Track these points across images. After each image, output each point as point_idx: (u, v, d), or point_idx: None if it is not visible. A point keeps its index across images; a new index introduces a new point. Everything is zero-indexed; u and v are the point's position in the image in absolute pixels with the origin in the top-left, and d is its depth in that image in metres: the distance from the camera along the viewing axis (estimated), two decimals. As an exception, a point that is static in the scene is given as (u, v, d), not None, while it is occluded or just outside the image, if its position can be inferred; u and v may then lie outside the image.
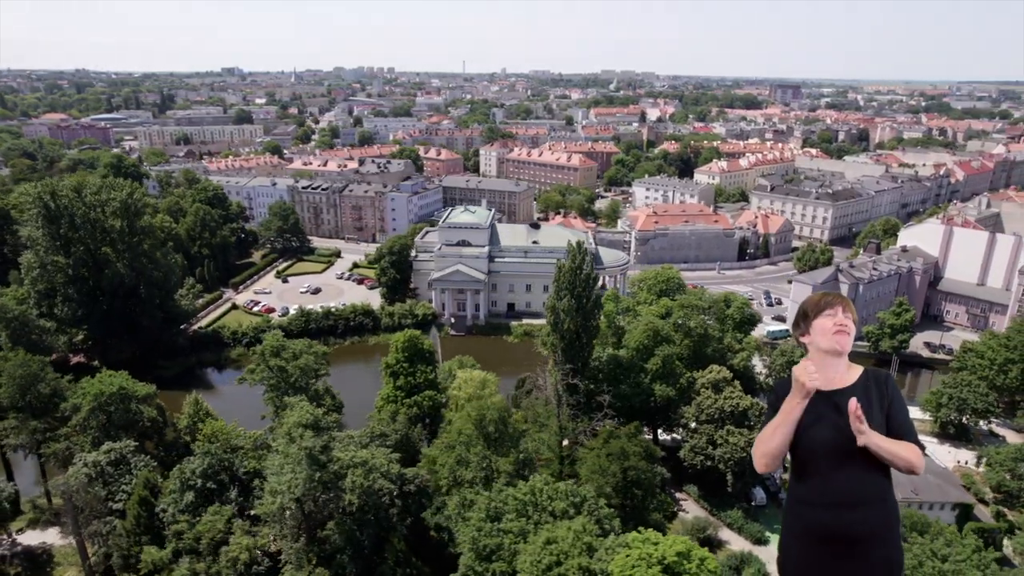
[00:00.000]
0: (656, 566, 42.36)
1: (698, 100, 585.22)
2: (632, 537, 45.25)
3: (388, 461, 52.36)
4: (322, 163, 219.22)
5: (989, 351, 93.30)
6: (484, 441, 59.54)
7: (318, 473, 48.68)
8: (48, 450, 67.50)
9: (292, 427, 50.47)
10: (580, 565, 44.41)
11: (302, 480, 48.16)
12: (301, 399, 58.22)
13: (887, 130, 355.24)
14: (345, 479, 50.05)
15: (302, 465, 48.27)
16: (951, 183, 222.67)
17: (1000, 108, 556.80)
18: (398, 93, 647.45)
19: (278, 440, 52.46)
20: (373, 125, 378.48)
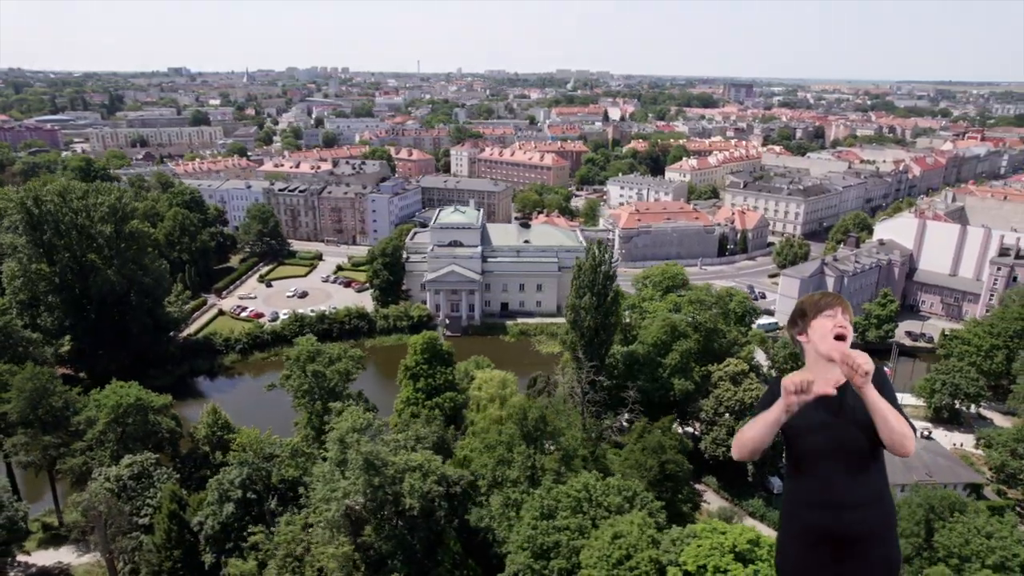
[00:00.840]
0: (728, 554, 43.35)
1: (656, 99, 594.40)
2: (700, 527, 46.16)
3: (438, 464, 52.08)
4: (294, 165, 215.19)
5: (975, 338, 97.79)
6: (525, 440, 59.67)
7: (376, 478, 48.14)
8: (64, 465, 64.92)
9: (346, 433, 49.70)
10: (650, 557, 45.09)
11: (361, 486, 47.55)
12: (349, 404, 57.32)
13: (841, 127, 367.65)
14: (402, 483, 49.60)
15: (359, 471, 47.65)
16: (909, 178, 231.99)
17: (940, 107, 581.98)
18: (355, 93, 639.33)
19: (329, 446, 51.59)
20: (336, 126, 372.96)
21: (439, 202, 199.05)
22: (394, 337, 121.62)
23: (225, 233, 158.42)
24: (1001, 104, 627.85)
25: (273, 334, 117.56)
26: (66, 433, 67.16)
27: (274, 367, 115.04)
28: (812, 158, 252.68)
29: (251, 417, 80.00)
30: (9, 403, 65.96)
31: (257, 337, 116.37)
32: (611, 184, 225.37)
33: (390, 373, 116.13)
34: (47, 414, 66.01)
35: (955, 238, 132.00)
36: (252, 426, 71.84)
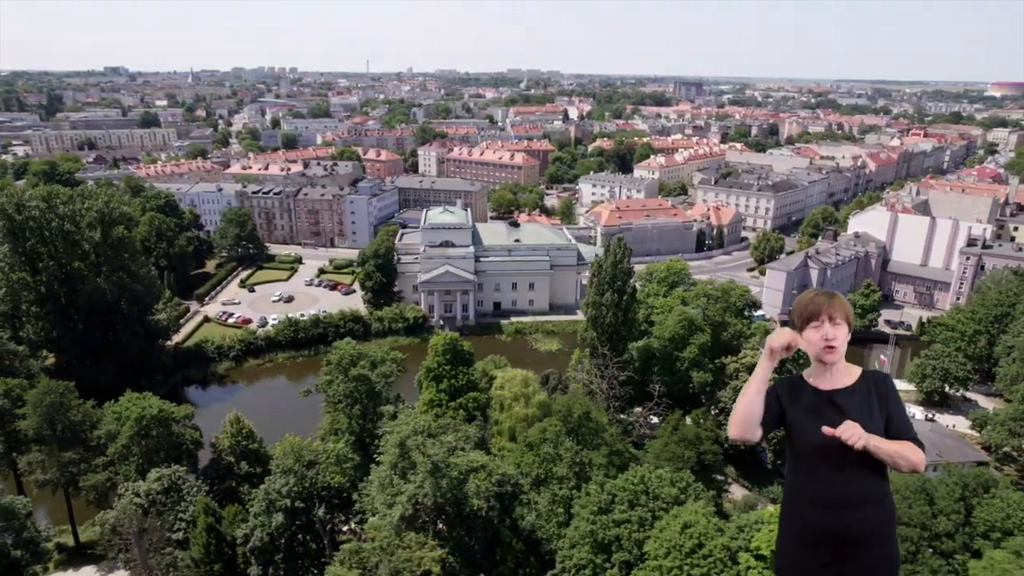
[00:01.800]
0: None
1: (611, 98, 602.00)
2: (766, 513, 47.45)
3: (498, 464, 52.08)
4: (263, 167, 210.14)
5: (959, 324, 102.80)
6: (570, 436, 60.13)
7: (444, 480, 47.87)
8: (87, 482, 62.28)
9: (408, 436, 49.18)
10: (722, 545, 46.15)
11: (429, 488, 47.20)
12: (407, 407, 56.63)
13: (794, 125, 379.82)
14: (465, 484, 49.44)
15: (427, 474, 47.29)
16: (866, 173, 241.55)
17: (879, 105, 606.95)
18: (307, 94, 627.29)
19: (387, 449, 50.91)
20: (294, 127, 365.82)
21: (415, 203, 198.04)
22: (390, 340, 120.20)
23: (201, 238, 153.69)
24: (933, 102, 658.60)
25: (267, 340, 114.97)
26: (84, 448, 64.41)
27: (269, 373, 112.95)
28: (774, 155, 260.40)
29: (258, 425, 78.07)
30: (24, 419, 62.88)
31: (251, 343, 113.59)
32: (583, 182, 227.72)
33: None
34: (65, 429, 63.15)
35: (925, 230, 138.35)
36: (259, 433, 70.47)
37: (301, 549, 55.63)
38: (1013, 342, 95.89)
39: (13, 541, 56.34)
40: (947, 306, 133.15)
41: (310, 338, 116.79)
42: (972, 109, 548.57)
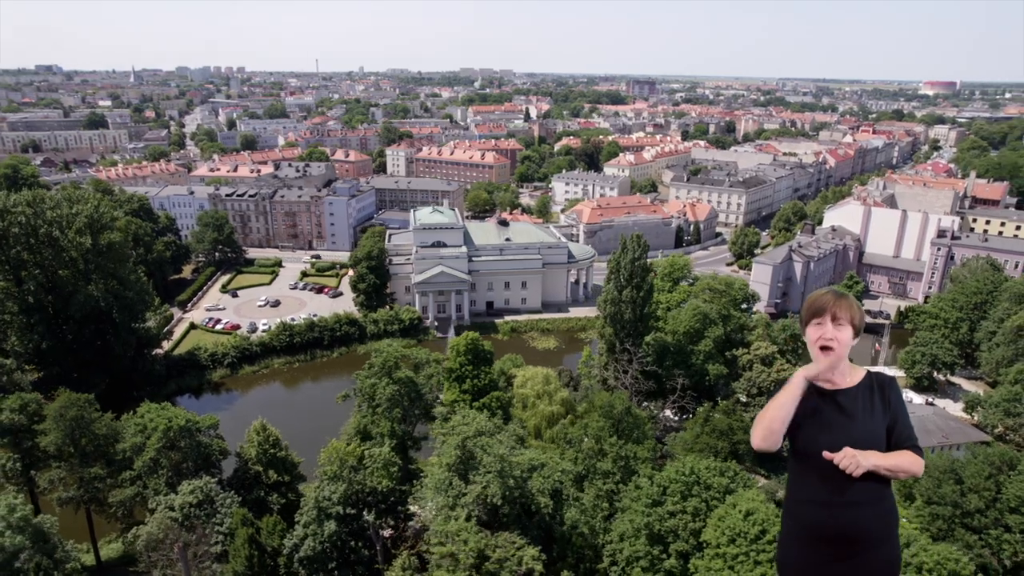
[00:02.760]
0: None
1: (567, 97, 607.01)
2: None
3: (557, 461, 52.35)
4: (231, 168, 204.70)
5: (942, 312, 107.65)
6: (614, 431, 60.80)
7: (511, 480, 47.91)
8: (115, 497, 59.86)
9: (472, 436, 48.99)
10: (786, 531, 47.50)
11: (498, 488, 47.17)
12: (466, 409, 56.23)
13: (750, 122, 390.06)
14: (529, 482, 49.59)
15: (495, 474, 47.24)
16: (827, 169, 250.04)
17: (825, 103, 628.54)
18: (259, 94, 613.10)
19: (447, 451, 50.55)
20: (251, 128, 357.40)
21: (391, 203, 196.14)
22: (385, 342, 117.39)
23: (178, 243, 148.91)
24: (873, 100, 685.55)
25: (262, 346, 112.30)
26: (107, 463, 61.92)
27: (266, 380, 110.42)
28: (739, 151, 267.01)
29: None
30: (44, 435, 60.05)
31: (246, 350, 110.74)
32: (556, 181, 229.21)
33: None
34: (89, 444, 60.60)
35: (897, 223, 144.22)
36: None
37: (353, 556, 54.79)
38: (995, 328, 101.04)
39: (45, 563, 53.82)
40: (920, 295, 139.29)
41: (306, 343, 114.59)
42: (910, 107, 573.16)
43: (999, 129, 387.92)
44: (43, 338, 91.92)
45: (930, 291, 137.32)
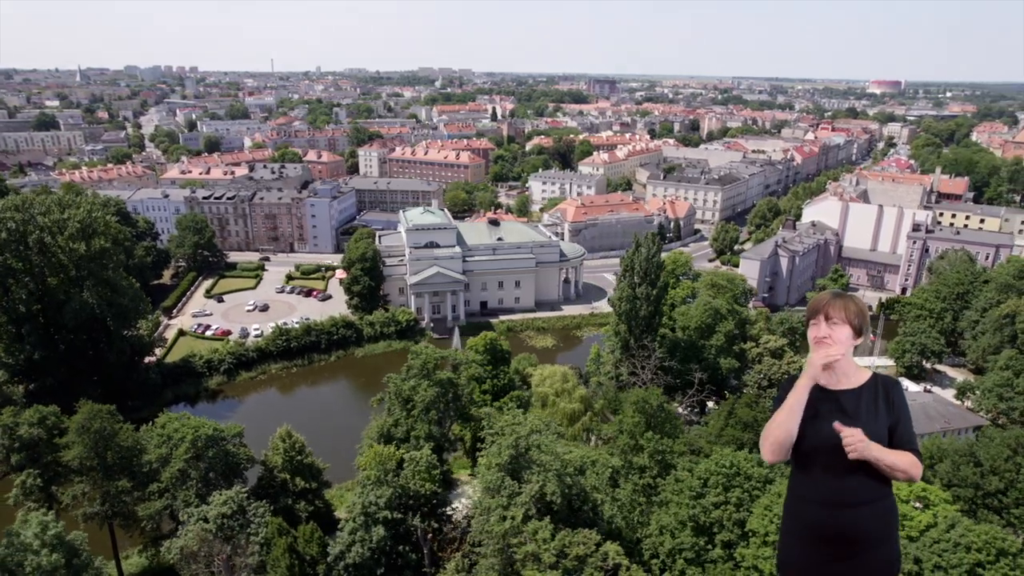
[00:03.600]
0: (908, 502, 48.26)
1: (530, 96, 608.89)
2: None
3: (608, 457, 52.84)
4: (204, 171, 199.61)
5: (927, 302, 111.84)
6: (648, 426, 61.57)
7: (568, 477, 48.21)
8: (145, 511, 58.01)
9: (527, 435, 49.04)
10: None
11: (556, 487, 47.41)
12: (519, 409, 56.11)
13: (714, 120, 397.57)
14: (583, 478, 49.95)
15: (552, 473, 47.48)
16: (794, 165, 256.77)
17: (780, 101, 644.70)
18: (216, 94, 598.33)
19: (500, 451, 50.45)
20: (214, 129, 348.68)
21: (370, 204, 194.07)
22: (382, 344, 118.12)
23: (159, 247, 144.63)
24: (826, 99, 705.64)
25: (258, 351, 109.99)
26: (132, 476, 59.97)
27: (264, 386, 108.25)
28: (709, 149, 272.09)
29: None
30: (68, 448, 57.85)
31: (242, 356, 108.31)
32: (533, 180, 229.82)
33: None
34: (114, 457, 58.59)
35: (873, 218, 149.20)
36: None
37: (401, 561, 54.33)
38: (978, 317, 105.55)
39: (78, 581, 51.95)
40: (897, 287, 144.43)
41: (303, 347, 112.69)
42: (861, 105, 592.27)
43: (947, 127, 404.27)
44: (34, 349, 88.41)
45: (907, 283, 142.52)
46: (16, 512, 58.69)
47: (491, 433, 53.29)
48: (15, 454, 58.30)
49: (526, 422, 50.26)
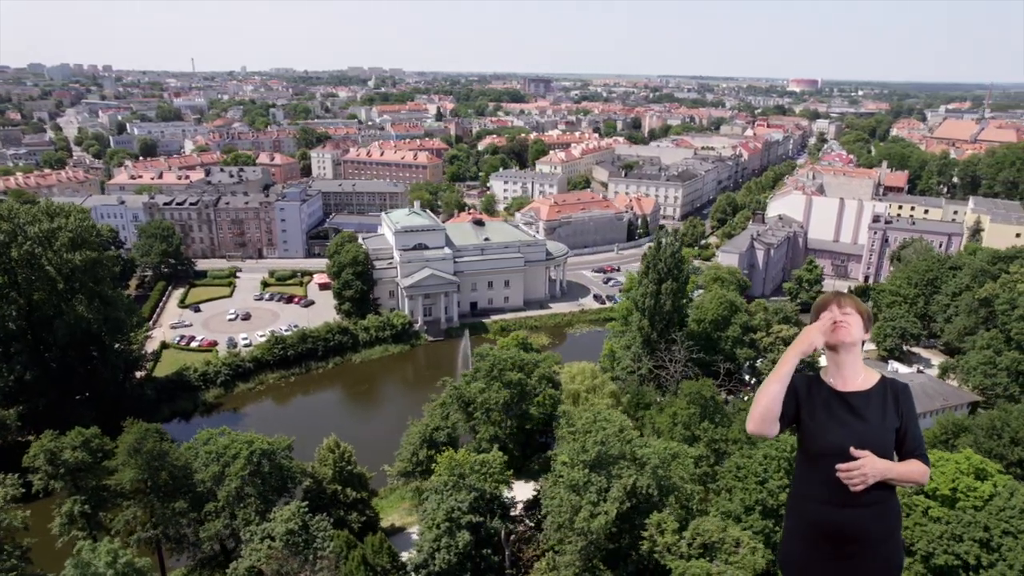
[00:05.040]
0: (969, 475, 51.71)
1: (468, 95, 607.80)
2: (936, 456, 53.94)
3: (682, 448, 54.15)
4: (156, 176, 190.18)
5: (901, 289, 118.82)
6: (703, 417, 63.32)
7: (659, 471, 49.18)
8: (207, 532, 55.42)
9: (614, 434, 49.65)
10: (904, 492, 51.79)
11: (652, 480, 48.34)
12: (599, 406, 56.28)
13: (654, 119, 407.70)
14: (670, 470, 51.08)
15: (649, 468, 48.37)
16: (742, 162, 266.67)
17: (710, 99, 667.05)
18: (138, 95, 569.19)
19: (588, 449, 50.84)
20: (147, 132, 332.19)
21: (336, 207, 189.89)
22: (379, 349, 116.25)
23: (124, 257, 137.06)
24: (750, 96, 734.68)
25: (254, 361, 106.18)
26: (186, 496, 57.16)
27: (262, 397, 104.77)
28: (661, 147, 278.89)
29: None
30: (116, 472, 54.57)
31: (238, 367, 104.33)
32: (494, 180, 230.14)
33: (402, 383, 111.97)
34: (170, 477, 55.69)
35: (835, 210, 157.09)
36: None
37: (484, 565, 53.97)
38: (948, 301, 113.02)
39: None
40: (860, 276, 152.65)
41: (299, 355, 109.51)
42: (783, 103, 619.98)
43: (868, 123, 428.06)
44: (25, 369, 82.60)
45: (869, 271, 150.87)
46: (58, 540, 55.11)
47: (571, 431, 53.66)
48: (58, 481, 54.54)
49: (613, 419, 50.86)
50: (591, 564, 53.04)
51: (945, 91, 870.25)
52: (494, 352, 64.57)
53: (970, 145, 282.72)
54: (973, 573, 49.41)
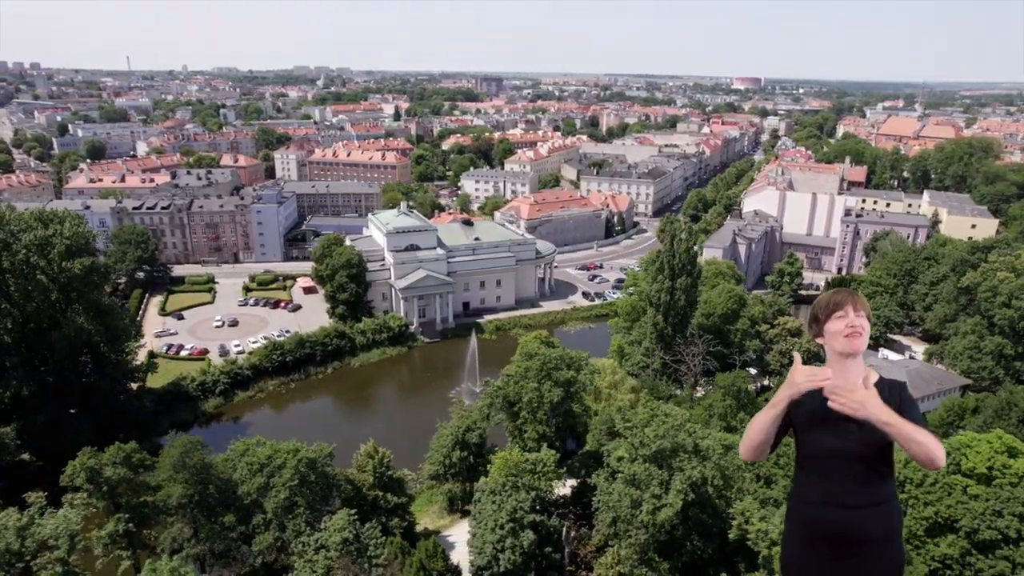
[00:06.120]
0: (1003, 454, 54.55)
1: (422, 95, 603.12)
2: (967, 438, 56.57)
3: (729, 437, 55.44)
4: (117, 179, 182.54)
5: (882, 279, 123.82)
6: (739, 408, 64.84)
7: (722, 461, 50.23)
8: (259, 545, 53.80)
9: (678, 427, 50.42)
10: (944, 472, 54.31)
11: (718, 471, 49.35)
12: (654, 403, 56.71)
13: (612, 117, 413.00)
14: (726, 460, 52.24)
15: (712, 459, 49.34)
16: (705, 158, 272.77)
17: (659, 97, 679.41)
18: (74, 95, 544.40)
19: (650, 444, 51.46)
20: (92, 133, 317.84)
21: (311, 209, 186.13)
22: (377, 352, 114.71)
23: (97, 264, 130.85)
24: (698, 95, 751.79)
25: (253, 368, 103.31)
26: (234, 509, 55.35)
27: (263, 405, 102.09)
28: (626, 145, 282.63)
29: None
30: (160, 488, 52.43)
31: (236, 375, 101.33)
32: (465, 179, 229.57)
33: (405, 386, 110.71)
34: (218, 492, 53.82)
35: (808, 205, 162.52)
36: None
37: (545, 563, 54.09)
38: (926, 290, 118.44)
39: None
40: (833, 268, 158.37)
41: (297, 360, 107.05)
42: (730, 101, 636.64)
43: (816, 120, 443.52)
44: (21, 384, 78.40)
45: (842, 263, 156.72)
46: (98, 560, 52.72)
47: (627, 427, 54.25)
48: (101, 499, 52.07)
49: (674, 413, 51.68)
50: (647, 556, 53.89)
51: (878, 90, 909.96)
52: (544, 351, 64.56)
53: (914, 141, 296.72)
54: (1013, 546, 52.27)
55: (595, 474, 56.58)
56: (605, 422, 62.73)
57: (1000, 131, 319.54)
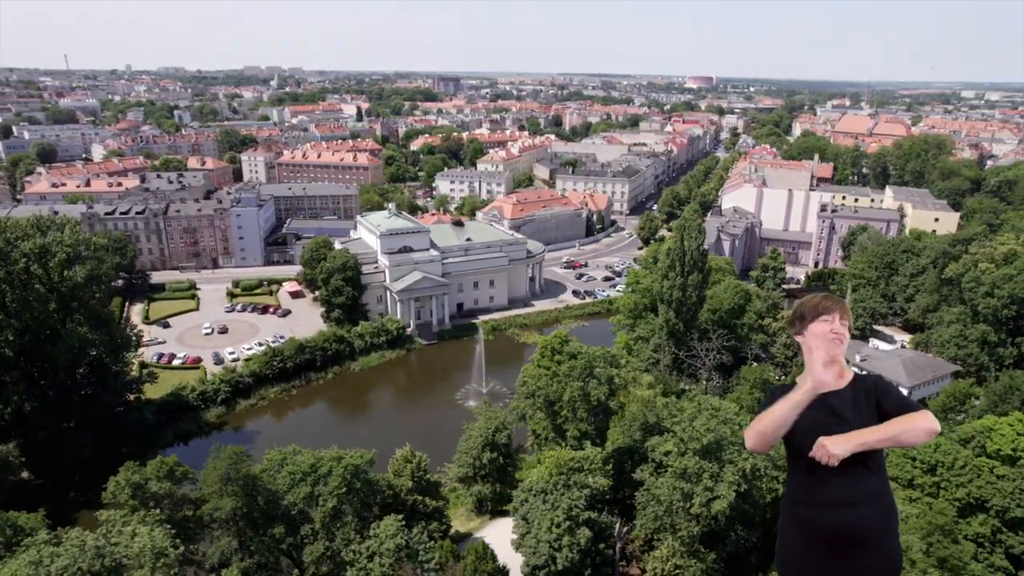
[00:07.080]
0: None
1: (381, 95, 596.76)
2: (988, 422, 59.27)
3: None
4: (82, 184, 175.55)
5: (864, 272, 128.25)
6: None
7: (772, 451, 51.54)
8: (311, 556, 52.74)
9: (728, 420, 51.44)
10: (969, 455, 56.85)
11: (770, 462, 50.53)
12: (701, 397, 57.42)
13: (575, 116, 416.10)
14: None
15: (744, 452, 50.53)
16: (672, 156, 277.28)
17: (615, 96, 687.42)
18: (12, 94, 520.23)
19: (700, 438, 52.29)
20: (40, 135, 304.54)
21: (289, 212, 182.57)
22: (376, 356, 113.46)
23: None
24: (653, 93, 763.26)
25: (253, 376, 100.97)
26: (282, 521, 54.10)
27: (266, 412, 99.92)
28: (595, 144, 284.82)
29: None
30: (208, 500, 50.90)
31: (237, 383, 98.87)
32: (440, 179, 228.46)
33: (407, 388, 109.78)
34: (266, 503, 52.50)
35: (784, 201, 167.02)
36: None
37: (599, 559, 54.53)
38: (907, 282, 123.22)
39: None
40: (810, 262, 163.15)
41: (298, 366, 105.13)
42: (683, 99, 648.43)
43: (772, 117, 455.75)
44: (23, 399, 74.97)
45: (819, 257, 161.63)
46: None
47: (675, 422, 55.10)
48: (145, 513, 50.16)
49: (724, 407, 52.73)
50: (694, 547, 54.92)
51: (824, 88, 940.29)
52: (588, 349, 64.84)
53: (869, 138, 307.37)
54: (1041, 523, 55.20)
55: (639, 469, 57.23)
56: (637, 417, 63.47)
57: (944, 128, 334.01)
